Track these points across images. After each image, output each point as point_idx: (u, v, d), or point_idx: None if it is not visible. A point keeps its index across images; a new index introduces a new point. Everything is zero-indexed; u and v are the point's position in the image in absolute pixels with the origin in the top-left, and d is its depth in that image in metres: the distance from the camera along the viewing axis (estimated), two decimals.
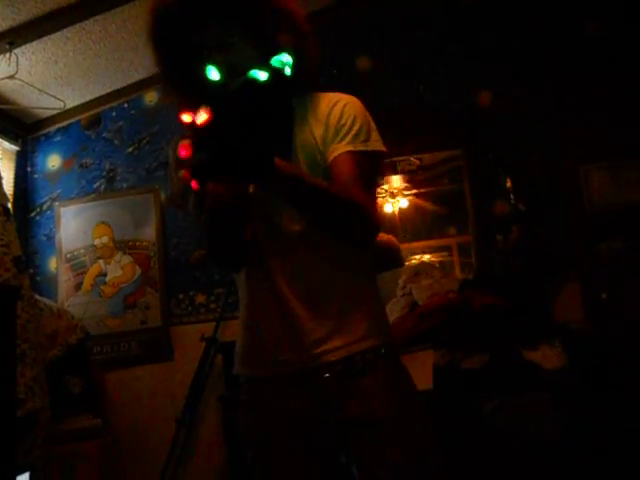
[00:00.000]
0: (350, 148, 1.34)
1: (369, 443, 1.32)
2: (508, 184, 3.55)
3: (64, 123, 3.93)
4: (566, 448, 2.47)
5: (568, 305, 3.20)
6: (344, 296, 1.36)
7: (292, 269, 1.35)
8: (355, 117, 1.37)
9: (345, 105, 1.39)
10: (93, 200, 3.84)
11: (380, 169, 1.36)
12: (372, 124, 1.41)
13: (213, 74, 1.17)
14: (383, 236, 3.54)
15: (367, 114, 1.42)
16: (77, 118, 3.93)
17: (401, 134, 3.30)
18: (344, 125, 1.36)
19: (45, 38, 3.07)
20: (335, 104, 1.40)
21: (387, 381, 1.35)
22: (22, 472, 2.30)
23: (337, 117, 1.37)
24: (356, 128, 1.36)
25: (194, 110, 1.02)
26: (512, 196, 3.53)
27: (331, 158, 1.34)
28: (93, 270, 3.75)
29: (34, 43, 3.09)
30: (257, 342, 1.39)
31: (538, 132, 3.51)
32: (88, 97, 3.83)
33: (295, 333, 1.33)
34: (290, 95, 1.26)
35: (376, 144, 1.38)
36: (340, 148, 1.34)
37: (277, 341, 1.35)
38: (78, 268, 3.76)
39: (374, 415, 1.31)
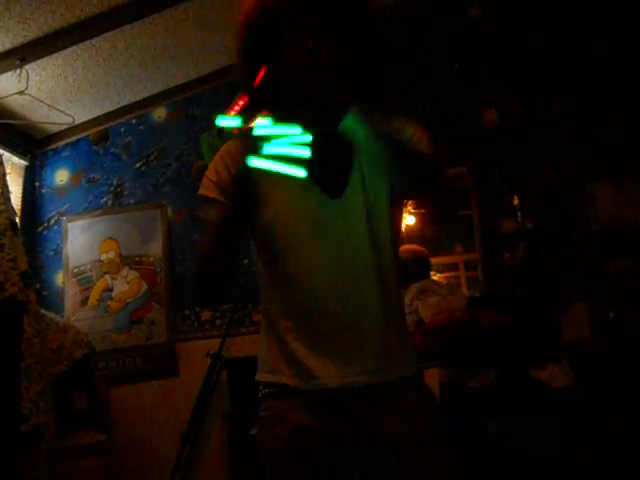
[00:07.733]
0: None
1: (388, 465, 1.31)
2: (515, 202, 3.54)
3: (73, 138, 3.96)
4: (572, 468, 2.45)
5: (575, 324, 3.19)
6: (386, 319, 1.35)
7: (341, 288, 1.33)
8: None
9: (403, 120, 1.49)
10: (100, 215, 3.85)
11: None
12: None
13: None
14: (412, 247, 3.58)
15: None
16: (86, 133, 3.96)
17: None
18: (407, 129, 1.47)
19: (55, 54, 3.11)
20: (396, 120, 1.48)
21: (414, 405, 1.34)
22: None
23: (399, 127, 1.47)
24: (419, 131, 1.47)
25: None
26: (519, 214, 3.53)
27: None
28: (99, 285, 3.76)
29: (44, 59, 3.12)
30: (291, 354, 1.36)
31: (544, 149, 3.52)
32: (97, 113, 3.86)
33: (335, 351, 1.32)
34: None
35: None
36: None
37: (314, 356, 1.33)
38: (85, 283, 3.76)
39: (398, 438, 1.31)
